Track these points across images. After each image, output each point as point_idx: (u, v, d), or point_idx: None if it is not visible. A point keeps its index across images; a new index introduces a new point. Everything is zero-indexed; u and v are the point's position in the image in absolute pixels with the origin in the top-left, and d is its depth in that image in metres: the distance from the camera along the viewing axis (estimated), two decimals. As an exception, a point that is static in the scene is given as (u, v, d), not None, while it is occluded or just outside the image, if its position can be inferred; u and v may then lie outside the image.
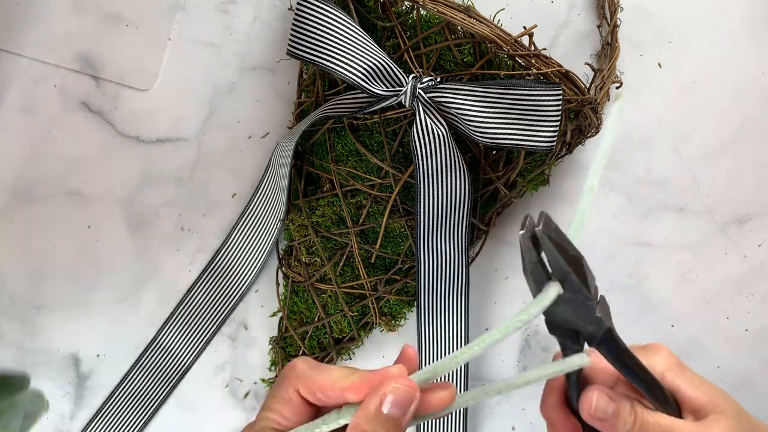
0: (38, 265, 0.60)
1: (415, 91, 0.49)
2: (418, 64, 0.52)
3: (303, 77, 0.57)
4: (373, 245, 0.56)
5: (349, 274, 0.57)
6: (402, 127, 0.54)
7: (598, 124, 0.51)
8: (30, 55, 0.60)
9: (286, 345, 0.59)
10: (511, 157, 0.54)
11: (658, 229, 0.60)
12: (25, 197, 0.60)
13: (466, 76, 0.51)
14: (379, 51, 0.49)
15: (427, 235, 0.53)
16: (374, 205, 0.56)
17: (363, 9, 0.52)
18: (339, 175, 0.56)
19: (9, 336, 0.60)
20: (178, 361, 0.61)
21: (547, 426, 0.40)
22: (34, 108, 0.60)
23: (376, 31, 0.53)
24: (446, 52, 0.52)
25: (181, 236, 0.61)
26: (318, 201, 0.57)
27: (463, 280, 0.56)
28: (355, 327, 0.58)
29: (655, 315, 0.61)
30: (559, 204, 0.60)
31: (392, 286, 0.57)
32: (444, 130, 0.49)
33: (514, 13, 0.59)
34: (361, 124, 0.55)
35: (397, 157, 0.55)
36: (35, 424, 0.41)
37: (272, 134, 0.61)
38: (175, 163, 0.61)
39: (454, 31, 0.51)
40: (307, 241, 0.58)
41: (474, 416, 0.61)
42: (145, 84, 0.60)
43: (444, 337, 0.58)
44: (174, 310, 0.61)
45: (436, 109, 0.49)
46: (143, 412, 0.61)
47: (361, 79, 0.48)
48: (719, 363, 0.60)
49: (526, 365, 0.61)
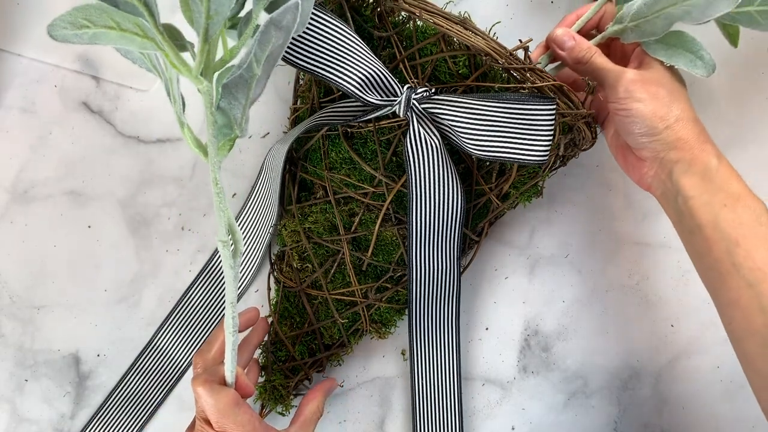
0: (38, 265, 0.60)
1: (409, 102, 0.49)
2: (413, 75, 0.52)
3: (299, 83, 0.57)
4: (365, 253, 0.56)
5: (341, 281, 0.57)
6: (396, 137, 0.54)
7: (592, 138, 0.51)
8: (30, 55, 0.60)
9: (276, 350, 0.59)
10: (504, 169, 0.54)
11: (658, 229, 0.61)
12: (25, 197, 0.60)
13: (460, 87, 0.51)
14: (375, 60, 0.48)
15: (419, 245, 0.53)
16: (367, 213, 0.55)
17: (360, 18, 0.52)
18: (332, 183, 0.56)
19: (9, 336, 0.61)
20: (174, 364, 0.61)
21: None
22: (34, 108, 0.60)
23: (373, 41, 0.53)
24: (441, 63, 0.51)
25: (181, 236, 0.61)
26: (311, 207, 0.57)
27: (455, 289, 0.56)
28: (346, 333, 0.58)
29: (655, 315, 0.61)
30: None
31: (383, 294, 0.57)
32: (437, 141, 0.49)
33: (514, 13, 0.59)
34: (355, 132, 0.55)
35: (390, 166, 0.55)
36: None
37: (272, 134, 0.61)
38: (175, 163, 0.61)
39: (450, 42, 0.51)
40: (299, 247, 0.58)
41: (474, 416, 0.61)
42: (145, 84, 0.60)
43: (434, 345, 0.58)
44: (170, 314, 0.61)
45: (430, 120, 0.49)
46: (140, 414, 0.61)
47: (356, 88, 0.48)
48: (719, 363, 0.60)
49: (526, 365, 0.61)
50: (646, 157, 0.49)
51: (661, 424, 0.61)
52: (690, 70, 0.48)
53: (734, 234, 0.44)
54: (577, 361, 0.61)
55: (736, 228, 0.44)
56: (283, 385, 0.58)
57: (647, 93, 0.47)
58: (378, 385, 0.61)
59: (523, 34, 0.59)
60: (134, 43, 0.36)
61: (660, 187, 0.49)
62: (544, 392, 0.61)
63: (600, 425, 0.61)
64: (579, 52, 0.49)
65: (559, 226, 0.61)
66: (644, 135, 0.47)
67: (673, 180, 0.47)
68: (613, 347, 0.61)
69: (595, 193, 0.61)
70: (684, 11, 0.45)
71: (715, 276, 0.45)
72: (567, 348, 0.61)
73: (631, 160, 0.51)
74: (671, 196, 0.48)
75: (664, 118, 0.46)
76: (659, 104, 0.47)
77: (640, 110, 0.47)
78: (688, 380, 0.61)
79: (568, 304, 0.61)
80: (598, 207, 0.61)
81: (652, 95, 0.47)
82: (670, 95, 0.47)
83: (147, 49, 0.36)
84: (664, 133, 0.47)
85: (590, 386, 0.61)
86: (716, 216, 0.45)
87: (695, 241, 0.46)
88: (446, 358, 0.58)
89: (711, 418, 0.61)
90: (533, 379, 0.61)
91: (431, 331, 0.57)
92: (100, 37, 0.35)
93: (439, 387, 0.58)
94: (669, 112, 0.47)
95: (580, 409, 0.61)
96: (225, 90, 0.37)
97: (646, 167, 0.49)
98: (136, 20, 0.35)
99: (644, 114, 0.47)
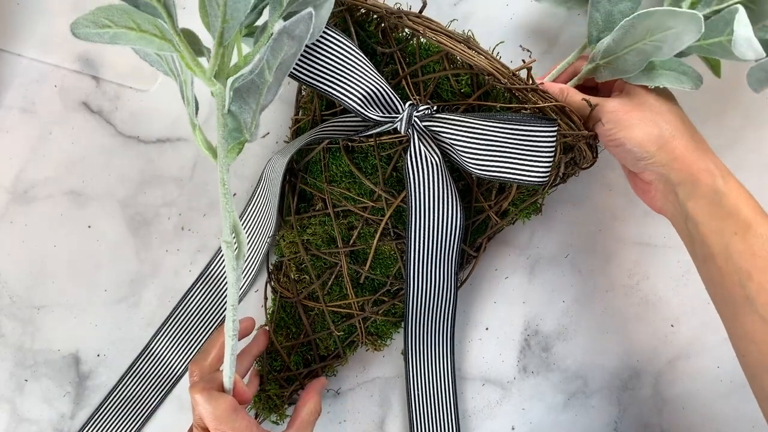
0: (38, 265, 0.60)
1: (410, 119, 0.49)
2: (415, 91, 0.52)
3: (302, 94, 0.57)
4: (363, 266, 0.56)
5: (338, 293, 0.57)
6: (397, 152, 0.54)
7: (593, 158, 0.51)
8: (30, 55, 0.60)
9: (272, 359, 0.59)
10: (504, 187, 0.54)
11: (658, 229, 0.61)
12: (25, 197, 0.60)
13: (462, 106, 0.51)
14: (378, 77, 0.48)
15: (417, 259, 0.53)
16: (365, 226, 0.56)
17: (364, 33, 0.52)
18: (332, 195, 0.56)
19: (9, 336, 0.60)
20: (170, 369, 0.61)
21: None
22: (34, 108, 0.60)
23: (376, 56, 0.53)
24: (444, 81, 0.51)
25: (181, 236, 0.61)
26: (310, 219, 0.57)
27: (451, 303, 0.56)
28: (341, 345, 0.58)
29: (655, 315, 0.61)
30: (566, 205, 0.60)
31: (380, 307, 0.57)
32: (438, 159, 0.49)
33: (514, 13, 0.59)
34: (356, 146, 0.55)
35: (390, 181, 0.55)
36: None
37: (272, 134, 0.61)
38: (175, 163, 0.61)
39: (453, 60, 0.51)
40: (297, 258, 0.58)
41: (474, 416, 0.61)
42: (145, 84, 0.60)
43: (430, 358, 0.58)
44: (166, 320, 0.61)
45: (431, 138, 0.49)
46: (137, 417, 0.61)
47: (357, 104, 0.48)
48: (719, 363, 0.60)
49: (526, 365, 0.61)
50: (650, 180, 0.48)
51: (661, 424, 0.61)
52: (677, 87, 0.47)
53: (746, 266, 0.43)
54: (577, 361, 0.61)
55: (748, 259, 0.43)
56: (278, 394, 0.58)
57: (631, 119, 0.46)
58: (378, 385, 0.61)
59: (523, 33, 0.59)
60: (152, 44, 0.37)
61: (669, 209, 0.48)
62: (544, 392, 0.61)
63: (600, 425, 0.61)
64: (552, 96, 0.48)
65: (559, 226, 0.61)
66: (640, 159, 0.47)
67: (680, 203, 0.46)
68: (613, 347, 0.61)
69: (595, 193, 0.61)
70: (654, 47, 0.44)
71: (728, 307, 0.44)
72: (567, 348, 0.61)
73: (640, 184, 0.50)
74: (681, 219, 0.47)
75: (654, 140, 0.46)
76: (646, 127, 0.46)
77: (627, 138, 0.46)
78: (688, 380, 0.61)
79: (568, 304, 0.61)
80: (598, 207, 0.61)
81: (638, 120, 0.46)
82: (657, 115, 0.47)
83: (164, 51, 0.37)
84: (657, 154, 0.46)
85: (590, 386, 0.61)
86: (727, 246, 0.44)
87: (708, 269, 0.46)
88: (440, 367, 0.58)
89: (711, 418, 0.61)
90: (533, 379, 0.61)
91: (426, 343, 0.57)
92: (121, 37, 0.36)
93: (434, 393, 0.58)
94: (659, 133, 0.46)
95: (580, 409, 0.61)
96: (236, 94, 0.38)
97: (653, 190, 0.49)
98: (155, 22, 0.36)
99: (632, 140, 0.46)
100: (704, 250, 0.45)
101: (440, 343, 0.58)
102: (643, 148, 0.46)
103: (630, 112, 0.47)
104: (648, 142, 0.46)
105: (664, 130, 0.46)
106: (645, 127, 0.46)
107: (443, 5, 0.59)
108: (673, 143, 0.46)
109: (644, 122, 0.46)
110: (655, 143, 0.46)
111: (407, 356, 0.57)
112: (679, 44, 0.43)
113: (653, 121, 0.46)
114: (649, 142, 0.46)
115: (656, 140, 0.46)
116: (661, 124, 0.46)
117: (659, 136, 0.46)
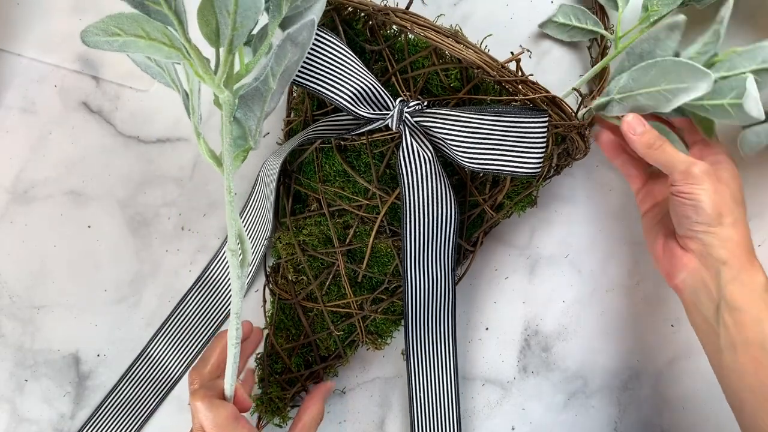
0: (38, 265, 0.60)
1: (401, 115, 0.49)
2: (405, 88, 0.52)
3: (293, 95, 0.57)
4: (360, 265, 0.56)
5: (336, 293, 0.57)
6: (389, 149, 0.54)
7: (585, 148, 0.51)
8: (30, 55, 0.60)
9: (273, 362, 0.59)
10: (498, 180, 0.54)
11: (658, 229, 0.61)
12: (25, 197, 0.60)
13: (452, 100, 0.51)
14: (368, 74, 0.48)
15: (414, 256, 0.53)
16: (361, 225, 0.56)
17: (352, 31, 0.52)
18: (326, 195, 0.56)
19: (9, 336, 0.61)
20: (168, 373, 0.61)
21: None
22: (34, 108, 0.60)
23: (365, 54, 0.53)
24: (433, 77, 0.51)
25: (181, 236, 0.61)
26: (305, 220, 0.57)
27: (450, 299, 0.56)
28: (342, 345, 0.58)
29: (655, 315, 0.61)
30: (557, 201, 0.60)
31: (379, 306, 0.57)
32: (430, 154, 0.49)
33: (514, 13, 0.60)
34: (348, 145, 0.55)
35: (384, 179, 0.55)
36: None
37: (272, 134, 0.61)
38: (175, 163, 0.61)
39: (442, 55, 0.51)
40: (294, 260, 0.58)
41: (473, 416, 0.61)
42: (145, 84, 0.60)
43: (432, 355, 0.58)
44: (164, 322, 0.61)
45: (423, 133, 0.49)
46: (135, 420, 0.61)
47: (348, 102, 0.48)
48: (719, 363, 0.60)
49: (526, 365, 0.61)
50: (691, 249, 0.48)
51: (661, 424, 0.61)
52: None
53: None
54: (577, 361, 0.61)
55: None
56: (280, 397, 0.58)
57: (715, 186, 0.46)
58: (378, 385, 0.61)
59: (523, 34, 0.59)
60: (161, 52, 0.37)
61: (696, 285, 0.47)
62: (544, 392, 0.61)
63: (600, 425, 0.61)
64: (650, 138, 0.48)
65: (559, 226, 0.61)
66: (701, 224, 0.46)
67: (720, 284, 0.46)
68: (613, 347, 0.61)
69: (595, 193, 0.61)
70: (664, 97, 0.46)
71: (760, 399, 0.44)
72: (567, 348, 0.61)
73: (670, 248, 0.50)
74: (708, 300, 0.47)
75: (726, 213, 0.46)
76: (724, 199, 0.46)
77: (704, 198, 0.46)
78: (688, 380, 0.61)
79: (568, 304, 0.61)
80: (598, 207, 0.61)
81: (720, 191, 0.46)
82: (734, 199, 0.47)
83: (173, 59, 0.37)
84: (720, 229, 0.46)
85: (590, 386, 0.61)
86: (765, 337, 0.44)
87: (735, 358, 0.45)
88: (443, 365, 0.58)
89: (711, 418, 0.61)
90: (533, 379, 0.61)
91: (427, 340, 0.57)
92: (130, 45, 0.36)
93: (437, 392, 0.58)
94: (731, 211, 0.46)
95: (580, 409, 0.61)
96: (241, 101, 0.39)
97: (686, 258, 0.48)
98: (165, 30, 0.36)
99: (708, 202, 0.46)
100: (738, 336, 0.45)
101: (441, 341, 0.58)
102: (714, 213, 0.46)
103: (717, 182, 0.47)
104: (720, 212, 0.46)
105: (736, 211, 0.46)
106: (723, 199, 0.46)
107: (443, 5, 0.59)
108: (737, 226, 0.46)
109: (724, 196, 0.46)
110: (725, 217, 0.46)
111: (408, 354, 0.57)
112: (684, 97, 0.44)
113: (732, 200, 0.46)
114: (721, 213, 0.46)
115: (727, 215, 0.46)
116: (735, 206, 0.46)
117: (731, 213, 0.46)
